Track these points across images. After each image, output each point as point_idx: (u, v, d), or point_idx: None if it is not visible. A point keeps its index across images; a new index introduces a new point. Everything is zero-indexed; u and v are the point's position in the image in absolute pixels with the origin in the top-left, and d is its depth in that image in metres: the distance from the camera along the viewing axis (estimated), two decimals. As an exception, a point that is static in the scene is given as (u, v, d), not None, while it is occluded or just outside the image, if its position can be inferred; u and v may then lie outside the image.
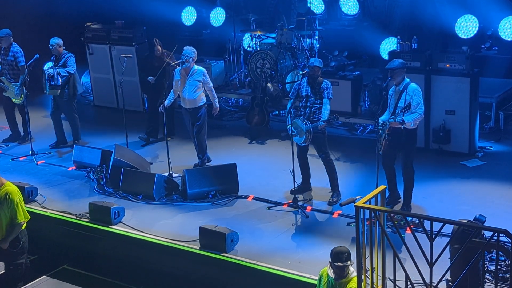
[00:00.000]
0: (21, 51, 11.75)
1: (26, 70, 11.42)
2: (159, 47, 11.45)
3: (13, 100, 11.78)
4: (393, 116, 8.33)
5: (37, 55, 11.29)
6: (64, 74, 11.29)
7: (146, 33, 13.69)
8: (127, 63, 11.61)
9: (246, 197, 9.59)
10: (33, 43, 12.66)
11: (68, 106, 11.68)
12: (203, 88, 10.33)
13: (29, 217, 7.62)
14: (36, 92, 12.73)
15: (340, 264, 6.12)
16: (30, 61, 11.37)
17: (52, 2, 16.21)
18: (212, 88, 10.47)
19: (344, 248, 6.23)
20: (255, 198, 9.53)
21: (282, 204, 9.26)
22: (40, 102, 11.85)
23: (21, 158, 11.52)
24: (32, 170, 11.05)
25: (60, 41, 11.42)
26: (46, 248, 9.20)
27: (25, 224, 7.65)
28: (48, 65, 11.65)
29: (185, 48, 10.26)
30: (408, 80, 8.51)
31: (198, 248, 8.25)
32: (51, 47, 11.38)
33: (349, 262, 6.16)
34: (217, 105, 10.56)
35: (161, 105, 10.36)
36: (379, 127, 8.38)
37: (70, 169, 10.99)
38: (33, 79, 11.92)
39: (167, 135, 10.51)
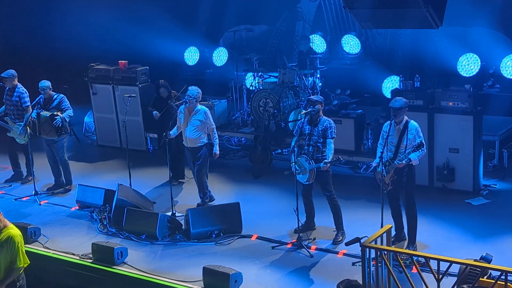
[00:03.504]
0: (26, 91, 11.81)
1: (30, 110, 11.45)
2: (165, 89, 11.47)
3: (17, 140, 11.81)
4: (400, 156, 8.39)
5: (42, 96, 11.34)
6: (68, 120, 11.33)
7: (150, 73, 13.78)
8: (130, 102, 11.66)
9: (249, 236, 9.54)
10: (36, 83, 12.71)
11: (60, 149, 11.60)
12: (206, 128, 10.34)
13: (29, 262, 7.49)
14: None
15: None
16: (34, 102, 11.40)
17: (56, 42, 16.35)
18: (215, 129, 10.39)
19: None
20: (259, 238, 9.48)
21: (286, 244, 9.20)
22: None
23: (24, 198, 11.48)
24: (35, 210, 11.01)
25: (49, 83, 11.35)
26: (48, 289, 9.14)
27: (22, 269, 7.53)
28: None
29: (189, 88, 10.32)
30: (406, 118, 8.59)
31: (201, 288, 8.18)
32: (42, 90, 11.27)
33: None
34: (217, 149, 10.37)
35: (165, 135, 10.27)
36: (384, 167, 8.40)
37: (73, 209, 10.96)
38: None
39: (171, 177, 10.51)
